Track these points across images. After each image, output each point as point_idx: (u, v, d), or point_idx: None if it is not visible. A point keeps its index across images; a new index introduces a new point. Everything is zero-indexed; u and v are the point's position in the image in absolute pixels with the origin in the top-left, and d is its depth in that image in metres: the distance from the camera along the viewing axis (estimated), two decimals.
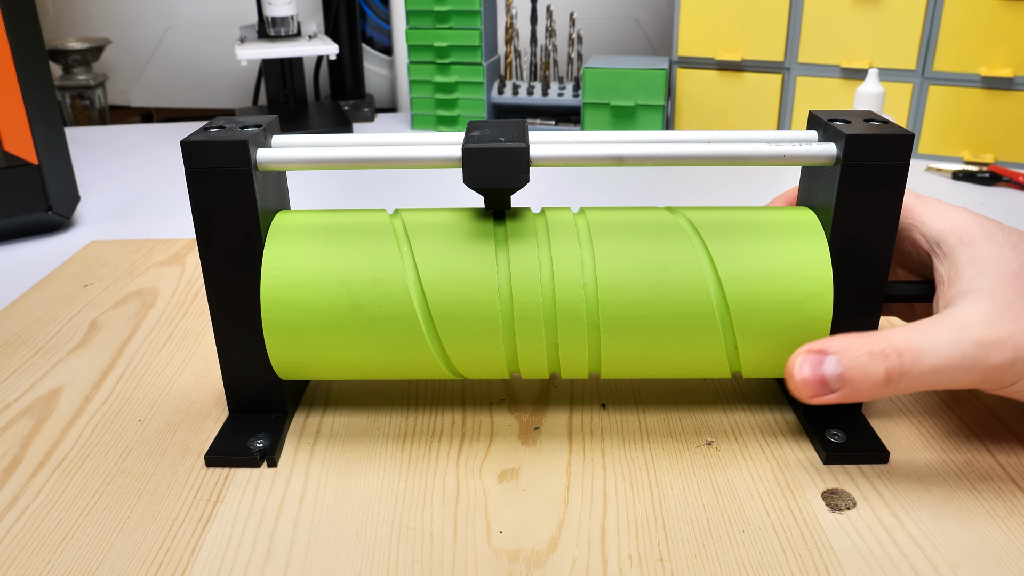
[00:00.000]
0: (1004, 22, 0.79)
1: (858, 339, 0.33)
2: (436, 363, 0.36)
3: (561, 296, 0.35)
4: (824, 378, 0.32)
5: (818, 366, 0.33)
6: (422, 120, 1.03)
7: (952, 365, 0.32)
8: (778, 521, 0.33)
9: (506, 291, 0.35)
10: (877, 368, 0.32)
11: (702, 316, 0.35)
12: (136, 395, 0.42)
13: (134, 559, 0.31)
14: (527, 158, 0.34)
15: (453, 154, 0.35)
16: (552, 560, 0.31)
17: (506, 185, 0.34)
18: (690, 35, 0.94)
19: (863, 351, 0.32)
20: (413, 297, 0.35)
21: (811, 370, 0.33)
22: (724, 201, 0.76)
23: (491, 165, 0.34)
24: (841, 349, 0.33)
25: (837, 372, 0.32)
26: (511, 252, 0.35)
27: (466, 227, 0.36)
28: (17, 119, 0.63)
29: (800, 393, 0.33)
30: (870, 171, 0.34)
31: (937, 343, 0.32)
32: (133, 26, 1.28)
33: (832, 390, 0.32)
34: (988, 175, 0.80)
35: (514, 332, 0.35)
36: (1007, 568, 0.30)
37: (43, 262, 0.63)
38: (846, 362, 0.32)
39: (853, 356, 0.32)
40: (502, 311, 0.35)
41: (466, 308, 0.35)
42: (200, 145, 0.34)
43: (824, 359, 0.33)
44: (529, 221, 0.37)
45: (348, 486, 0.35)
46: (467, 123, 0.37)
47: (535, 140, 0.36)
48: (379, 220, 0.37)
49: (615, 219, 0.37)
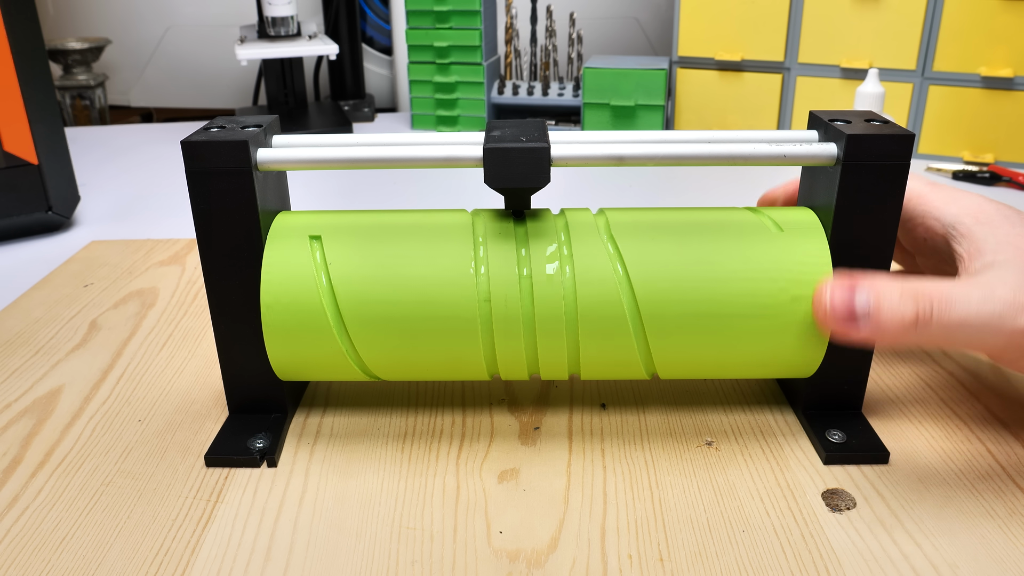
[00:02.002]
0: (1004, 22, 0.79)
1: (891, 278, 0.32)
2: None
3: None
4: (854, 308, 0.32)
5: (849, 296, 0.32)
6: (422, 120, 1.03)
7: (981, 321, 0.31)
8: (778, 521, 0.33)
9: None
10: (908, 308, 0.31)
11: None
12: (136, 395, 0.42)
13: (134, 559, 0.31)
14: (548, 158, 0.34)
15: (474, 154, 0.35)
16: (552, 560, 0.31)
17: (527, 185, 0.34)
18: (690, 35, 0.94)
19: (896, 289, 0.32)
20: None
21: (841, 299, 0.32)
22: (724, 201, 0.76)
23: (513, 165, 0.34)
24: (872, 285, 0.32)
25: (867, 305, 0.32)
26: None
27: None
28: (17, 119, 0.63)
29: (826, 322, 0.33)
30: (870, 171, 0.34)
31: (968, 298, 0.32)
32: (133, 26, 1.28)
33: (858, 322, 0.32)
34: (988, 175, 0.80)
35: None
36: (1007, 568, 0.30)
37: (43, 262, 0.63)
38: (877, 297, 0.32)
39: (885, 292, 0.32)
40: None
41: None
42: (200, 145, 0.34)
43: (857, 288, 0.32)
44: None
45: (348, 486, 0.35)
46: (488, 122, 0.37)
47: (554, 140, 0.36)
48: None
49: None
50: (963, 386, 0.43)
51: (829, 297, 0.32)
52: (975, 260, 0.34)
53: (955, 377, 0.43)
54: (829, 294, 0.32)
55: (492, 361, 0.36)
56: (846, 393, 0.38)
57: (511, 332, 0.35)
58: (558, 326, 0.35)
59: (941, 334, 0.32)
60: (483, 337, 0.35)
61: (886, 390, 0.42)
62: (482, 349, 0.35)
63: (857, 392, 0.39)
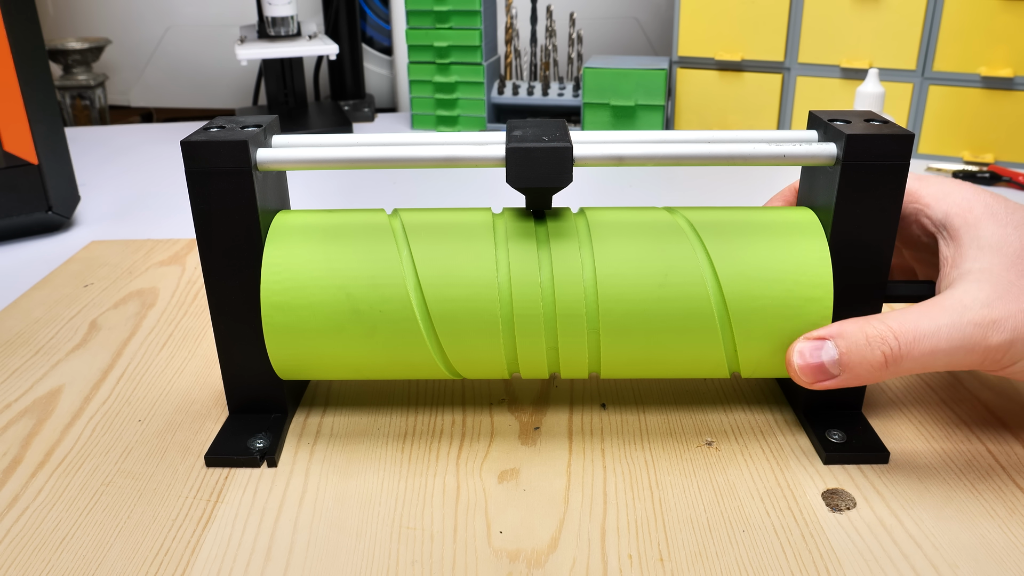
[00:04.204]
0: (1004, 22, 0.79)
1: (856, 324, 0.33)
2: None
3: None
4: (823, 364, 0.33)
5: (817, 352, 0.33)
6: (422, 120, 1.03)
7: (952, 347, 0.32)
8: (778, 521, 0.33)
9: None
10: (875, 352, 0.32)
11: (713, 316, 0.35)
12: (136, 395, 0.42)
13: (134, 559, 0.31)
14: (571, 157, 0.34)
15: (495, 154, 0.35)
16: (552, 560, 0.31)
17: (549, 184, 0.34)
18: (690, 35, 0.94)
19: (861, 336, 0.33)
20: (413, 300, 0.35)
21: (810, 357, 0.33)
22: (724, 201, 0.76)
23: (535, 165, 0.34)
24: (839, 334, 0.33)
25: (835, 358, 0.33)
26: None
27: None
28: (17, 119, 0.63)
29: (800, 380, 0.34)
30: (870, 171, 0.34)
31: (936, 325, 0.32)
32: (133, 26, 1.28)
33: (831, 375, 0.33)
34: (988, 175, 0.80)
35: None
36: (1007, 568, 0.30)
37: (43, 262, 0.63)
38: (844, 347, 0.33)
39: (851, 341, 0.33)
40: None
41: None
42: (200, 145, 0.34)
43: (823, 345, 0.33)
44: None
45: (348, 486, 0.35)
46: (508, 121, 0.37)
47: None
48: (380, 220, 0.37)
49: (617, 219, 0.37)
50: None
51: (797, 357, 0.34)
52: (955, 268, 0.34)
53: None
54: (797, 354, 0.34)
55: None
56: (846, 393, 0.38)
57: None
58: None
59: (916, 366, 0.33)
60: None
61: (886, 390, 0.42)
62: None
63: (857, 392, 0.39)
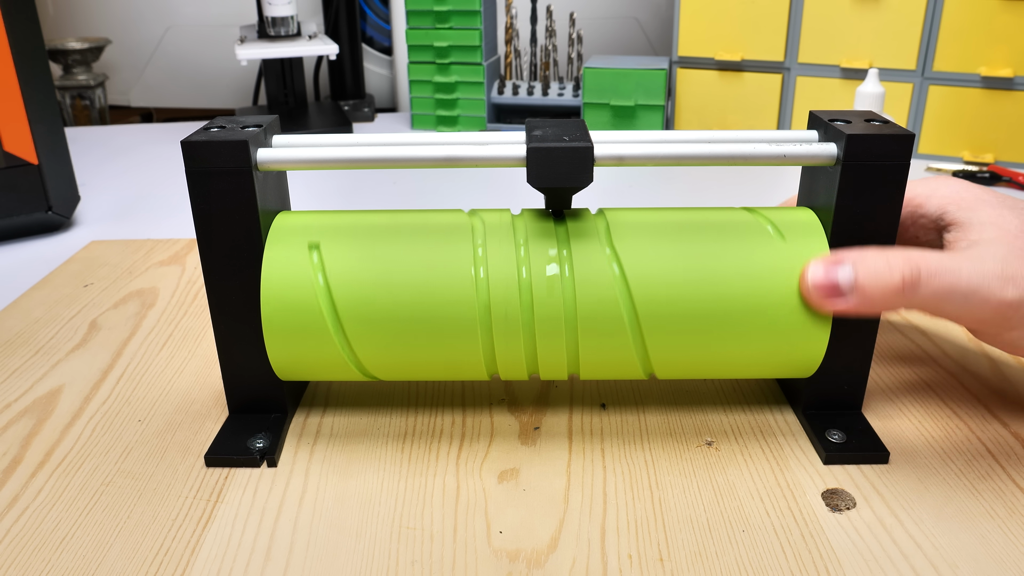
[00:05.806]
0: (1004, 22, 0.79)
1: (877, 250, 0.33)
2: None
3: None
4: (837, 283, 0.33)
5: (833, 270, 0.33)
6: (422, 120, 1.03)
7: (970, 289, 0.32)
8: (778, 521, 0.33)
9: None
10: (894, 274, 0.32)
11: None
12: (136, 395, 0.42)
13: (134, 559, 0.31)
14: (592, 157, 0.34)
15: (516, 153, 0.35)
16: (552, 560, 0.31)
17: (570, 184, 0.34)
18: (690, 35, 0.94)
19: (881, 259, 0.33)
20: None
21: (824, 274, 0.33)
22: (724, 201, 0.76)
23: (556, 165, 0.34)
24: (859, 257, 0.33)
25: (851, 278, 0.33)
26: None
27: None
28: (17, 119, 0.63)
29: (810, 297, 0.34)
30: (870, 171, 0.34)
31: (958, 265, 0.32)
32: (133, 26, 1.28)
33: (842, 294, 0.33)
34: (988, 175, 0.79)
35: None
36: (1007, 568, 0.30)
37: (43, 262, 0.63)
38: (862, 268, 0.33)
39: (870, 263, 0.33)
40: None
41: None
42: (200, 145, 0.34)
43: (840, 265, 0.33)
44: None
45: (348, 486, 0.35)
46: (526, 121, 0.37)
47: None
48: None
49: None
50: (963, 386, 0.43)
51: (811, 274, 0.34)
52: (961, 241, 0.35)
53: (955, 377, 0.43)
54: (811, 270, 0.34)
55: (492, 362, 0.36)
56: (846, 393, 0.38)
57: (511, 333, 0.35)
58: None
59: (929, 300, 0.32)
60: (483, 338, 0.35)
61: (886, 390, 0.42)
62: (482, 349, 0.35)
63: (857, 392, 0.39)
